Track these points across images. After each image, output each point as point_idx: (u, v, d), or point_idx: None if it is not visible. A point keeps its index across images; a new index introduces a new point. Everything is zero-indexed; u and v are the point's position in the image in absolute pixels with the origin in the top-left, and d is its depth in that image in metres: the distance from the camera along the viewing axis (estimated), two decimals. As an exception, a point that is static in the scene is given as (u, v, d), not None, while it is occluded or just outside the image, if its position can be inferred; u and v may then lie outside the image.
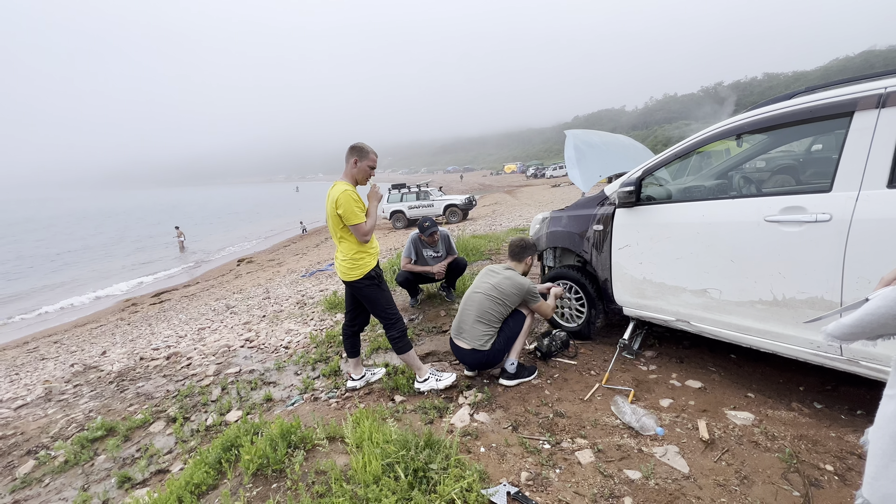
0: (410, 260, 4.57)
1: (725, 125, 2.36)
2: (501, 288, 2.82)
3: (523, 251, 3.06)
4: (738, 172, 3.08)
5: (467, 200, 18.51)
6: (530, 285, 2.85)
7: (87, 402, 3.40)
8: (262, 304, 7.17)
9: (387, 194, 19.22)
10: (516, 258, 3.06)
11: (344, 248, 2.66)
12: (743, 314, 2.27)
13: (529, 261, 3.11)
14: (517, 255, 3.06)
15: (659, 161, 2.67)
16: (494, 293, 2.81)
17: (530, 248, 3.11)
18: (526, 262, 3.08)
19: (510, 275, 2.91)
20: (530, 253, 3.10)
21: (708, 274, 2.38)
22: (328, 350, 3.85)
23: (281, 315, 5.70)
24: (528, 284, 2.84)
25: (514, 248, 3.08)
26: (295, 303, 6.50)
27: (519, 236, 3.25)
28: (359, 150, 2.63)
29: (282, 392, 3.16)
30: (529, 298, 2.84)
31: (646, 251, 2.68)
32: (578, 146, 3.87)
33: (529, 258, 3.10)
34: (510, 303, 2.80)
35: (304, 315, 5.37)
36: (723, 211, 2.32)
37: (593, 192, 3.42)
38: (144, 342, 5.67)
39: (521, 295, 2.82)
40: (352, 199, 2.52)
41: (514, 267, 3.00)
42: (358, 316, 2.98)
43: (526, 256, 3.06)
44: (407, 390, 2.85)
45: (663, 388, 2.60)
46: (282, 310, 6.17)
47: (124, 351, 5.19)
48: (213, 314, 7.09)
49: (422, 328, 4.14)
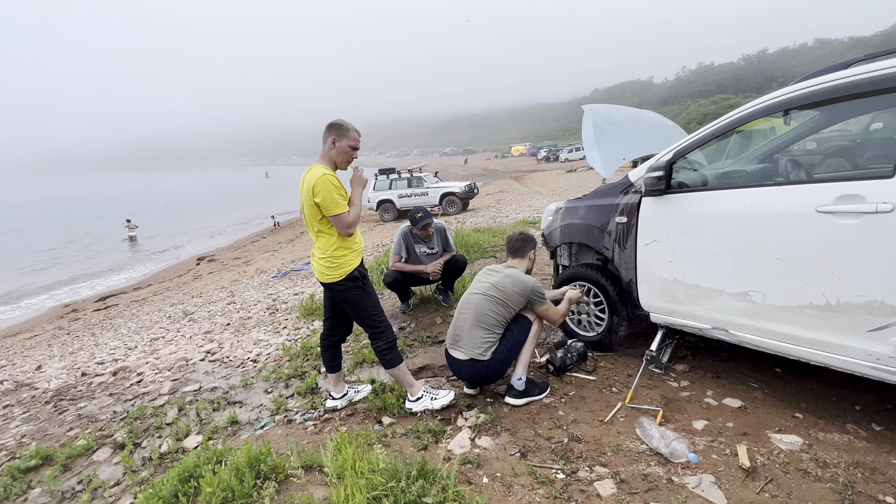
0: (401, 258, 4.56)
1: (770, 100, 2.35)
2: (502, 287, 2.83)
3: (524, 245, 3.09)
4: (785, 155, 3.08)
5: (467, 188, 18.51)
6: (535, 284, 2.87)
7: (18, 425, 3.38)
8: (226, 310, 7.16)
9: (373, 181, 19.17)
10: (517, 254, 3.08)
11: (322, 244, 2.65)
12: (790, 321, 2.28)
13: (532, 255, 3.14)
14: (518, 250, 3.09)
15: (693, 142, 2.66)
16: (494, 292, 2.82)
17: (531, 242, 3.16)
18: (529, 257, 3.10)
19: (511, 272, 2.93)
20: (532, 247, 3.14)
21: (749, 274, 2.38)
22: (304, 364, 3.85)
23: (248, 323, 5.69)
24: (532, 283, 2.87)
25: (513, 243, 3.12)
26: (265, 308, 6.49)
27: (518, 230, 3.26)
28: (337, 127, 2.62)
29: (249, 413, 3.15)
30: (534, 299, 2.86)
31: (677, 247, 2.68)
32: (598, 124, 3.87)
33: (532, 252, 3.13)
34: (512, 303, 2.81)
35: (276, 323, 5.36)
36: (767, 200, 2.32)
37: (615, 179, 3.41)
38: (87, 355, 5.64)
39: (524, 295, 2.83)
40: (332, 184, 2.51)
41: (515, 265, 3.02)
42: (339, 324, 2.97)
43: (528, 251, 3.10)
44: (397, 411, 2.85)
45: (697, 407, 2.61)
46: (249, 317, 6.16)
47: (63, 365, 5.17)
48: (168, 322, 7.07)
49: (414, 338, 4.13)
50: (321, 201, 2.49)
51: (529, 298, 2.85)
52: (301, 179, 2.65)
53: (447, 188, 18.62)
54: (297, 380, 3.57)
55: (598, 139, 3.77)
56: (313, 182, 2.49)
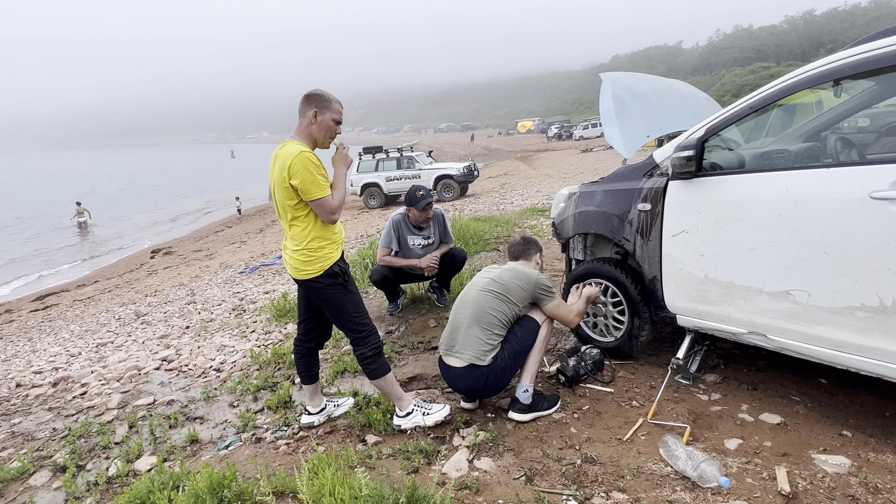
0: (390, 251, 4.55)
1: (817, 68, 2.35)
2: (502, 280, 2.86)
3: (527, 247, 3.17)
4: (835, 133, 3.08)
5: (466, 170, 18.50)
6: (540, 277, 2.90)
7: (-58, 444, 3.36)
8: (184, 310, 7.16)
9: (356, 161, 19.12)
10: (524, 255, 3.16)
11: (296, 235, 2.63)
12: (838, 324, 2.28)
13: (539, 259, 3.20)
14: (522, 253, 3.17)
15: (728, 117, 2.66)
16: (493, 286, 2.84)
17: (535, 245, 3.22)
18: (535, 260, 3.17)
19: (512, 266, 2.98)
20: (537, 249, 3.21)
21: (792, 270, 2.38)
22: (275, 373, 3.85)
23: (211, 326, 5.68)
24: (536, 275, 2.90)
25: (514, 247, 3.20)
26: (230, 309, 6.50)
27: (519, 234, 3.27)
28: (318, 98, 2.60)
29: (212, 430, 3.15)
30: (541, 295, 2.87)
31: (709, 239, 2.68)
32: (619, 96, 3.84)
33: (538, 255, 3.20)
34: (514, 298, 2.82)
35: (243, 326, 5.36)
36: (813, 184, 2.31)
37: (638, 160, 3.40)
38: (22, 363, 5.62)
39: (528, 289, 2.84)
40: (312, 163, 2.49)
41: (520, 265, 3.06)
42: (316, 327, 2.96)
43: (532, 254, 3.17)
44: (383, 428, 2.85)
45: (730, 424, 2.62)
46: (212, 319, 6.17)
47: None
48: (117, 325, 7.06)
49: (404, 344, 4.13)
50: (299, 184, 2.47)
51: (534, 294, 2.86)
52: (272, 158, 2.62)
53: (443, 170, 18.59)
54: (268, 392, 3.56)
55: (618, 113, 3.75)
56: (289, 161, 2.47)
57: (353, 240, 11.50)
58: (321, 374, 3.44)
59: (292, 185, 2.50)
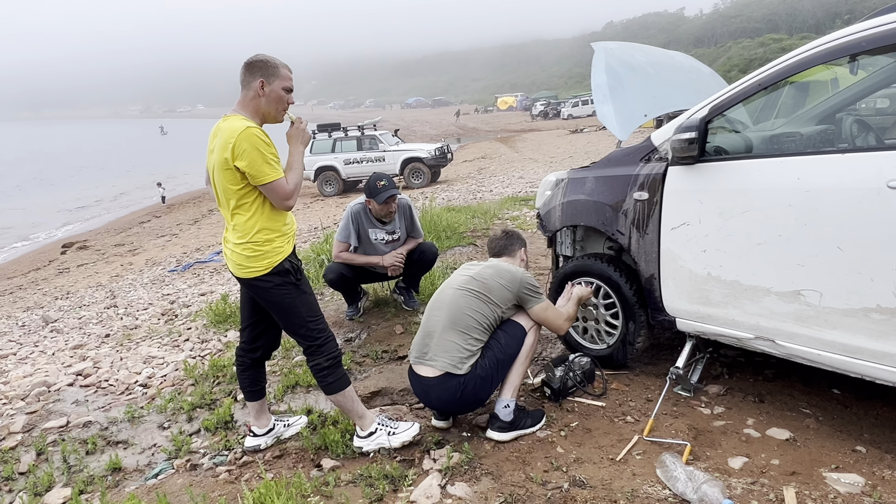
0: (349, 246, 4.53)
1: (832, 42, 2.41)
2: (483, 278, 2.87)
3: (510, 242, 3.19)
4: (851, 114, 3.18)
5: (438, 152, 18.49)
6: (525, 275, 2.92)
7: None
8: (104, 315, 7.02)
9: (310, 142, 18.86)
10: (507, 251, 3.18)
11: (240, 225, 2.60)
12: (853, 328, 2.36)
13: (523, 255, 3.22)
14: (503, 249, 3.18)
15: (734, 95, 2.71)
16: (472, 285, 2.86)
17: (519, 238, 3.23)
18: (519, 256, 3.19)
19: (494, 262, 3.00)
20: (521, 244, 3.23)
21: (803, 268, 2.46)
22: (214, 389, 3.81)
23: (136, 334, 5.59)
24: (521, 273, 2.92)
25: (495, 243, 3.20)
26: (159, 314, 6.40)
27: (502, 229, 3.30)
28: (263, 66, 2.56)
29: (138, 457, 3.10)
30: (527, 296, 2.89)
31: (712, 232, 2.74)
32: (613, 69, 3.90)
33: (522, 251, 3.22)
34: (497, 299, 2.84)
35: (175, 333, 5.28)
36: (827, 172, 2.39)
37: (634, 142, 3.45)
38: None
39: (512, 288, 2.86)
40: (261, 140, 2.46)
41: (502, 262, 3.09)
42: (261, 334, 2.94)
43: (516, 249, 3.19)
44: (342, 450, 2.84)
45: (734, 440, 2.69)
46: (137, 325, 6.06)
47: None
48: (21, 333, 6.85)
49: (366, 353, 4.12)
50: (247, 165, 2.44)
51: (519, 294, 2.88)
52: (211, 135, 2.58)
53: (411, 152, 18.53)
54: (205, 411, 3.52)
55: (612, 89, 3.80)
56: (233, 139, 2.43)
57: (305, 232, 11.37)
58: (268, 389, 3.41)
59: (237, 168, 2.46)
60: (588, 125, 35.64)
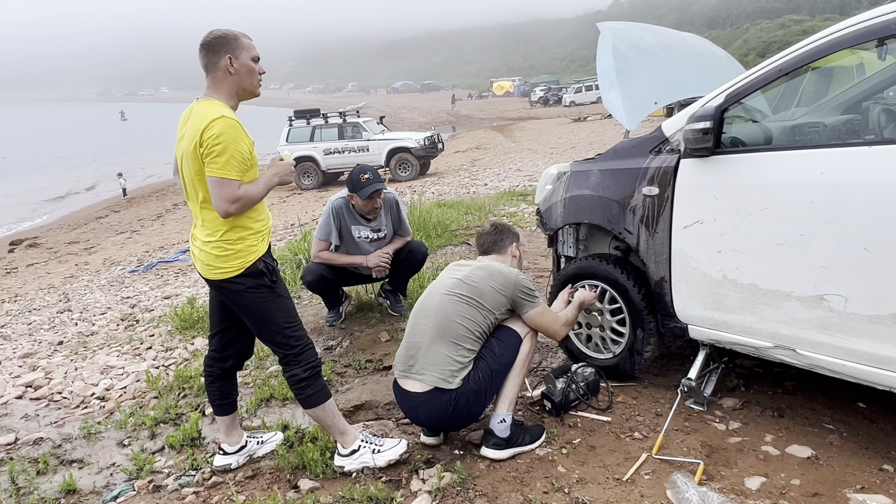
0: (329, 244, 4.52)
1: (859, 24, 2.42)
2: (473, 281, 2.86)
3: (500, 236, 3.17)
4: (879, 103, 3.20)
5: (428, 142, 18.50)
6: (520, 277, 2.91)
7: None
8: (56, 321, 6.99)
9: (286, 128, 18.85)
10: (493, 250, 3.16)
11: (210, 221, 2.59)
12: (881, 336, 2.37)
13: (515, 250, 3.20)
14: (493, 245, 3.16)
15: (752, 81, 2.72)
16: (462, 289, 2.84)
17: (510, 232, 3.21)
18: (510, 252, 3.17)
19: (485, 263, 2.98)
20: (513, 239, 3.21)
21: (827, 270, 2.47)
22: (179, 402, 3.78)
23: (92, 341, 5.55)
24: (515, 275, 2.91)
25: (484, 238, 3.19)
26: (118, 319, 6.36)
27: (491, 221, 3.29)
28: (224, 41, 2.55)
29: (95, 477, 3.08)
30: (520, 299, 2.89)
31: (728, 231, 2.75)
32: (621, 51, 3.91)
33: (513, 246, 3.20)
34: (489, 304, 2.83)
35: (136, 341, 5.25)
36: (852, 166, 2.40)
37: (643, 132, 3.46)
38: None
39: (506, 292, 2.86)
40: (238, 133, 2.46)
41: (493, 260, 3.08)
42: (233, 342, 2.92)
43: (506, 244, 3.17)
44: (321, 470, 2.82)
45: (751, 458, 2.70)
46: (94, 331, 6.03)
47: None
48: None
49: (348, 363, 4.11)
50: (207, 152, 2.42)
51: (513, 298, 2.87)
52: (181, 120, 2.57)
53: (398, 141, 18.53)
54: (169, 426, 3.50)
55: (619, 73, 3.81)
56: (203, 125, 2.42)
57: (281, 230, 11.34)
58: (240, 402, 3.39)
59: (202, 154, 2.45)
60: (592, 113, 35.75)
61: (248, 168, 2.55)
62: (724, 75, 3.98)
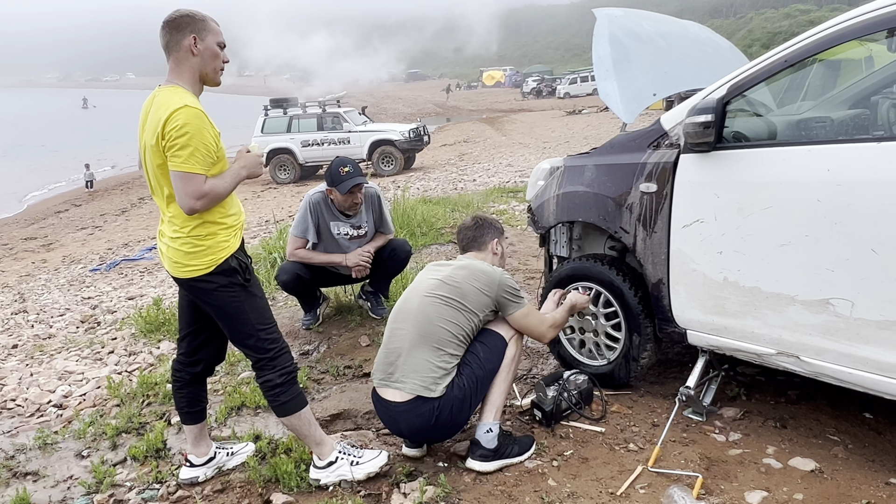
0: (306, 242, 4.50)
1: (867, 14, 2.44)
2: (455, 282, 2.85)
3: (481, 231, 3.14)
4: (888, 98, 3.24)
5: (413, 134, 18.51)
6: (504, 276, 2.91)
7: None
8: (10, 322, 6.96)
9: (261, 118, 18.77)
10: (472, 247, 3.14)
11: (178, 216, 2.57)
12: (889, 343, 2.39)
13: (496, 247, 3.16)
14: (473, 241, 3.15)
15: (756, 73, 2.74)
16: (443, 290, 2.83)
17: (492, 228, 3.19)
18: (491, 248, 3.13)
19: (467, 262, 2.98)
20: (494, 234, 3.18)
21: (833, 273, 2.49)
22: (143, 410, 3.76)
23: (50, 345, 5.53)
24: (500, 274, 2.91)
25: (465, 234, 3.18)
26: (78, 321, 6.35)
27: (473, 215, 3.27)
28: (191, 20, 2.54)
29: (50, 491, 3.06)
30: (506, 300, 2.89)
31: (729, 231, 2.76)
32: (618, 40, 3.92)
33: (494, 242, 3.16)
34: (473, 306, 2.83)
35: (97, 345, 5.22)
36: (860, 163, 2.42)
37: (641, 125, 3.47)
38: None
39: (490, 292, 2.86)
40: (202, 123, 2.45)
41: (474, 258, 3.08)
42: (203, 345, 2.91)
43: (488, 240, 3.14)
44: (296, 483, 2.81)
45: (752, 471, 2.71)
46: (52, 334, 6.00)
47: None
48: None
49: (325, 368, 4.10)
50: (170, 144, 2.40)
51: (497, 298, 2.87)
52: (143, 109, 2.55)
53: (381, 133, 18.53)
54: (132, 436, 3.48)
55: (616, 63, 3.82)
56: (165, 115, 2.40)
57: (254, 226, 11.31)
58: (210, 410, 3.37)
59: (162, 147, 2.43)
60: (588, 105, 35.93)
61: (215, 161, 2.53)
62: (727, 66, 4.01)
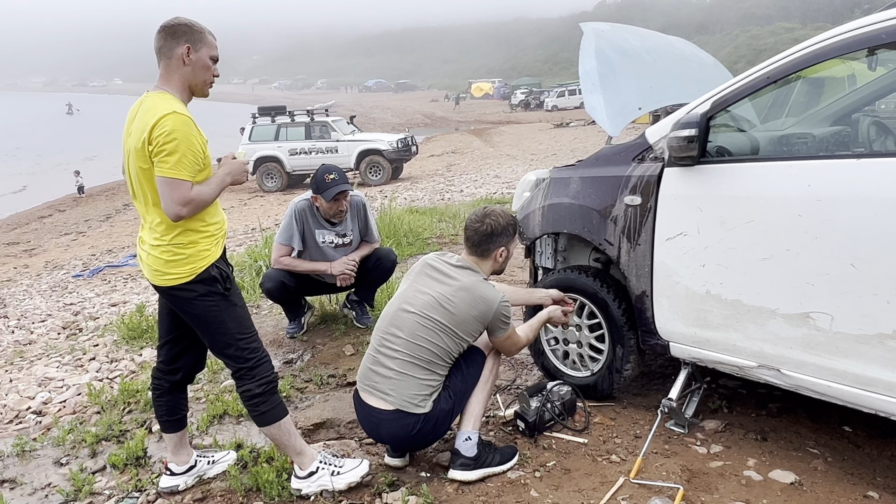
0: (291, 250, 4.50)
1: (850, 33, 2.48)
2: (453, 307, 2.76)
3: (491, 239, 2.90)
4: (869, 115, 3.29)
5: (401, 144, 18.56)
6: (502, 304, 2.82)
7: None
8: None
9: (248, 126, 18.75)
10: (479, 251, 2.93)
11: (158, 224, 2.57)
12: (867, 357, 2.42)
13: (502, 255, 2.97)
14: (481, 244, 2.91)
15: (740, 89, 2.78)
16: (439, 315, 2.76)
17: (504, 233, 2.93)
18: (495, 256, 2.94)
19: (468, 283, 2.81)
20: (503, 241, 2.95)
21: (813, 287, 2.52)
22: (124, 417, 3.75)
23: (30, 351, 5.48)
24: (497, 302, 2.80)
25: (474, 231, 2.92)
26: (59, 327, 6.31)
27: (484, 209, 3.03)
28: (188, 29, 2.55)
29: (28, 499, 3.04)
30: (496, 327, 2.87)
31: (712, 245, 2.79)
32: (604, 54, 3.96)
33: (502, 250, 2.95)
34: (465, 333, 2.82)
35: (78, 351, 5.19)
36: (841, 179, 2.45)
37: (626, 138, 3.50)
38: None
39: (485, 321, 2.83)
40: (190, 130, 2.45)
41: (473, 265, 2.93)
42: (183, 353, 2.90)
43: (496, 247, 2.92)
44: (277, 493, 2.80)
45: (733, 483, 2.73)
46: (32, 340, 5.96)
47: None
48: None
49: (308, 378, 4.09)
50: (158, 150, 2.40)
51: (489, 325, 2.86)
52: (129, 115, 2.55)
53: (369, 143, 18.55)
54: (112, 444, 3.45)
55: (602, 77, 3.85)
56: (153, 121, 2.40)
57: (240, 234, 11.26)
58: (191, 418, 3.36)
59: (150, 152, 2.43)
60: (575, 118, 36.18)
61: (202, 168, 2.54)
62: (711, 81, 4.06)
